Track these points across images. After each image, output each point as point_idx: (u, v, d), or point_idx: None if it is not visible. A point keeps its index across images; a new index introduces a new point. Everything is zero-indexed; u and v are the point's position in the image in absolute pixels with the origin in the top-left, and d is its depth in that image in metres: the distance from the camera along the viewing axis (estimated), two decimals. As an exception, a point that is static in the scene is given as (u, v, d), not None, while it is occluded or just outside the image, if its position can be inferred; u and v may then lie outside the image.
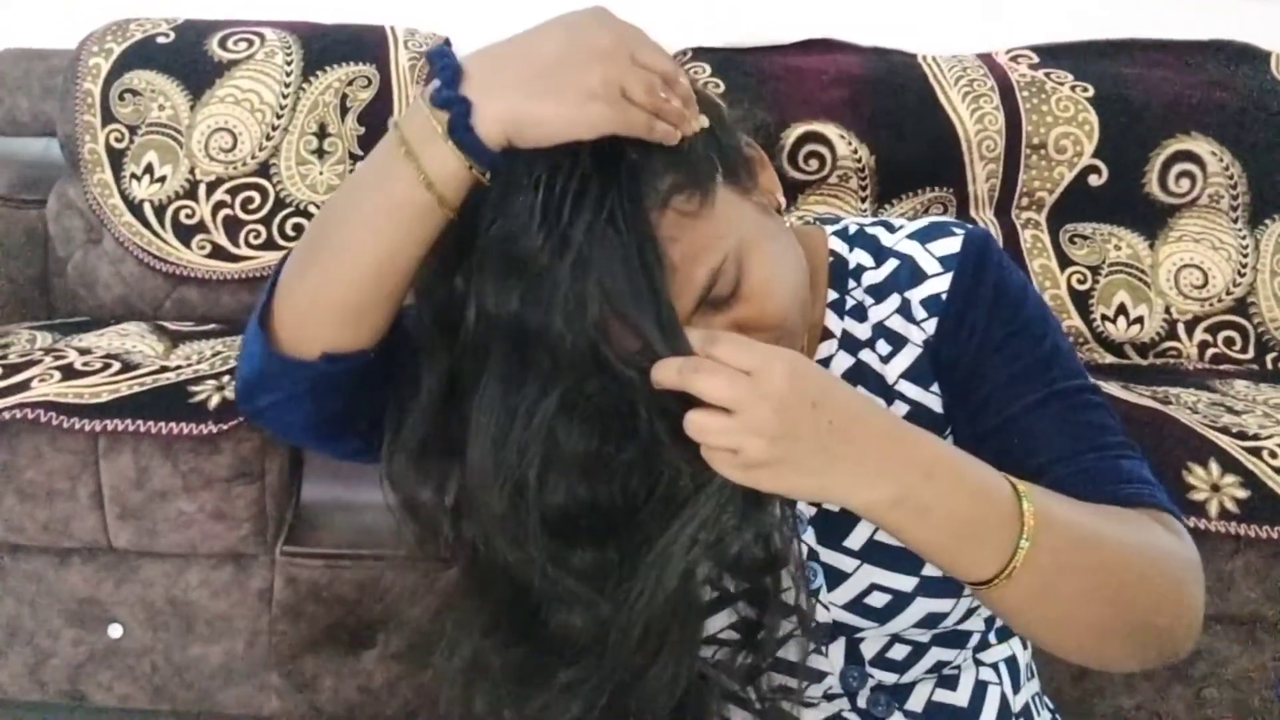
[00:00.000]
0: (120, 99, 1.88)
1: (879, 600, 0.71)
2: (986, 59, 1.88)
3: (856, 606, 0.71)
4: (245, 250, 1.85)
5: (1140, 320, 1.75)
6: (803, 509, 0.72)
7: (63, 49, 1.97)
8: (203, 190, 1.86)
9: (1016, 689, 0.77)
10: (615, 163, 0.56)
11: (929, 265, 0.73)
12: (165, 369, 1.41)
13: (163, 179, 1.87)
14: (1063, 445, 0.63)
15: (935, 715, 0.74)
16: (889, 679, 0.74)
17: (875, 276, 0.75)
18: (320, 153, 1.88)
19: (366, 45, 1.94)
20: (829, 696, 0.74)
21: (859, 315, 0.75)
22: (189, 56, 1.91)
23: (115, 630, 1.41)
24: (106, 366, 1.41)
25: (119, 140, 1.88)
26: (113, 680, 1.43)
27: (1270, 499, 1.24)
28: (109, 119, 1.88)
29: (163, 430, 1.31)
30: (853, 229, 0.79)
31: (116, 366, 1.41)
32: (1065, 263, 1.77)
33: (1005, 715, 0.75)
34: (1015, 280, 0.73)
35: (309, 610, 1.39)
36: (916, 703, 0.74)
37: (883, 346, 0.74)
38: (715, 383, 0.54)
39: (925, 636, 0.73)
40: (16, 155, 2.02)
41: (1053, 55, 1.87)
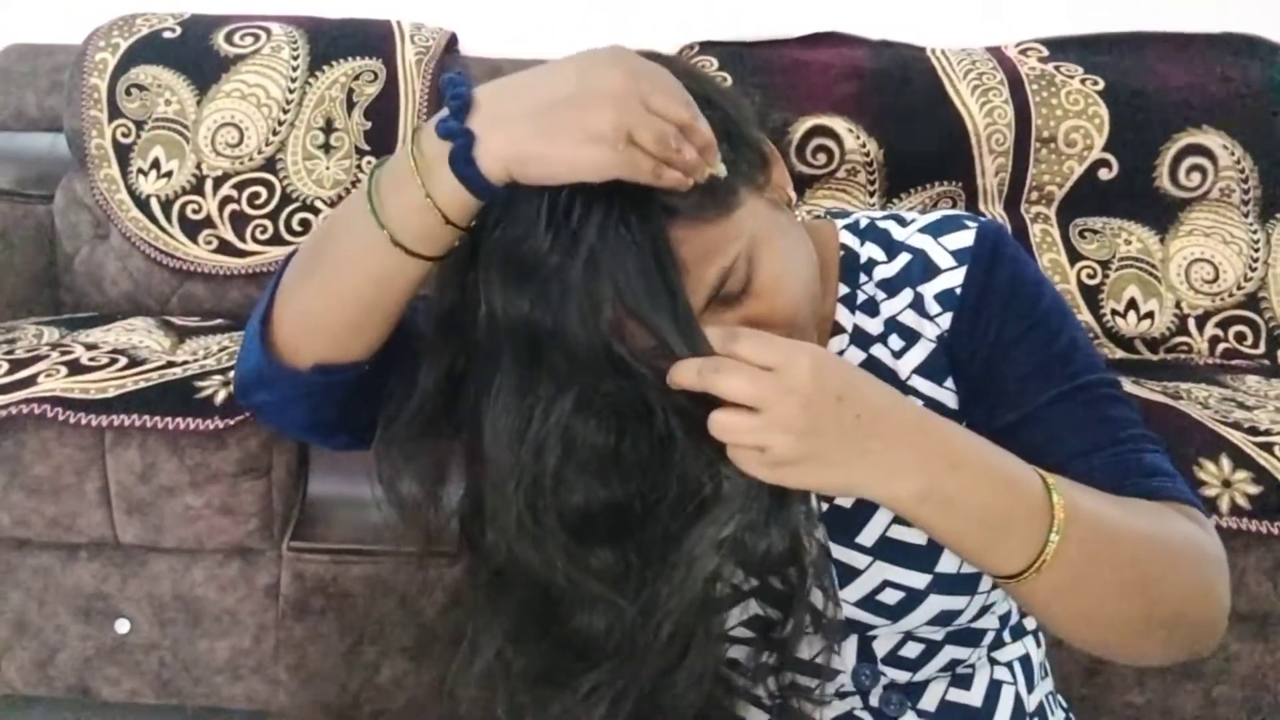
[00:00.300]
0: (127, 94, 1.88)
1: (891, 597, 0.70)
2: (995, 52, 1.87)
3: (869, 603, 0.71)
4: (252, 245, 1.84)
5: (1151, 315, 1.74)
6: (814, 504, 0.72)
7: (69, 44, 1.97)
8: (209, 185, 1.86)
9: (1031, 688, 0.77)
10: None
11: (942, 259, 0.72)
12: (172, 364, 1.41)
13: (169, 174, 1.87)
14: (1084, 440, 0.62)
15: (949, 714, 0.73)
16: (902, 677, 0.73)
17: (887, 271, 0.74)
18: (327, 148, 1.87)
19: (372, 40, 1.93)
20: (841, 694, 0.74)
21: (870, 310, 0.75)
22: (195, 51, 1.91)
23: (122, 625, 1.41)
24: (113, 361, 1.41)
25: (126, 135, 1.88)
26: (120, 675, 1.43)
27: (1282, 495, 1.23)
28: (115, 114, 1.88)
29: (169, 425, 1.31)
30: (864, 223, 0.78)
31: (123, 362, 1.41)
32: (1075, 257, 1.76)
33: (1019, 714, 0.75)
34: (1030, 273, 0.72)
35: (316, 605, 1.39)
36: (930, 702, 0.74)
37: (895, 342, 0.73)
38: (738, 381, 0.53)
39: (939, 634, 0.72)
40: (23, 151, 2.02)
41: (1062, 48, 1.86)
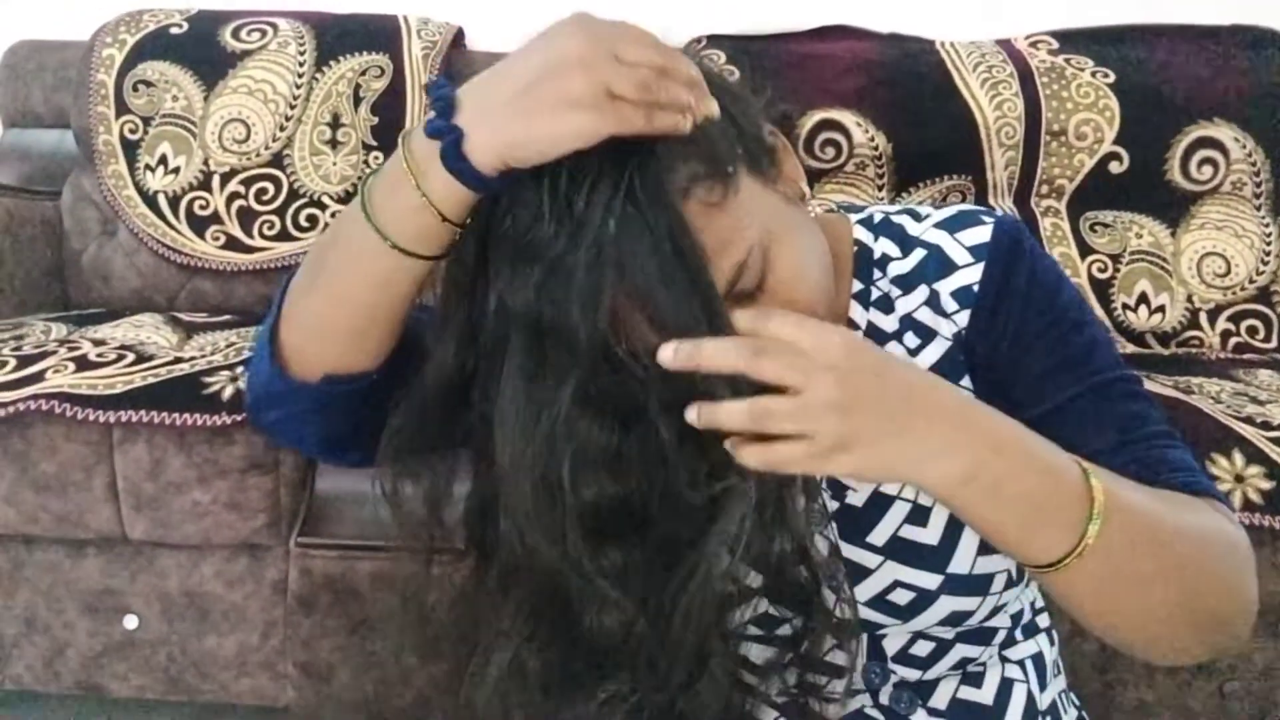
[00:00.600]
0: (134, 90, 1.88)
1: (902, 597, 0.69)
2: (1005, 45, 1.85)
3: (879, 603, 0.70)
4: (259, 241, 1.84)
5: (1162, 309, 1.73)
6: (824, 503, 0.71)
7: (76, 40, 1.97)
8: (216, 181, 1.86)
9: (1043, 686, 0.76)
10: (626, 156, 0.55)
11: (959, 255, 0.71)
12: (179, 360, 1.41)
13: (177, 170, 1.87)
14: (1108, 436, 0.61)
15: (959, 713, 0.73)
16: (912, 675, 0.73)
17: (902, 267, 0.73)
18: (334, 143, 1.87)
19: (379, 35, 1.93)
20: (850, 692, 0.73)
21: (885, 307, 0.73)
22: (202, 47, 1.91)
23: (131, 621, 1.41)
24: (121, 358, 1.41)
25: (133, 131, 1.88)
26: (128, 671, 1.43)
27: (1295, 490, 1.22)
28: (123, 110, 1.88)
29: (177, 421, 1.31)
30: (878, 217, 0.77)
31: (131, 358, 1.41)
32: (1086, 251, 1.75)
33: (1031, 713, 0.74)
34: (1049, 269, 0.71)
35: (323, 601, 1.39)
36: (940, 700, 0.73)
37: (911, 339, 0.72)
38: (775, 363, 0.52)
39: (949, 633, 0.72)
40: (31, 147, 2.02)
41: (1072, 41, 1.85)
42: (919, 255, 0.73)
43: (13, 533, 1.38)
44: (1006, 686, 0.74)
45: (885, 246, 0.74)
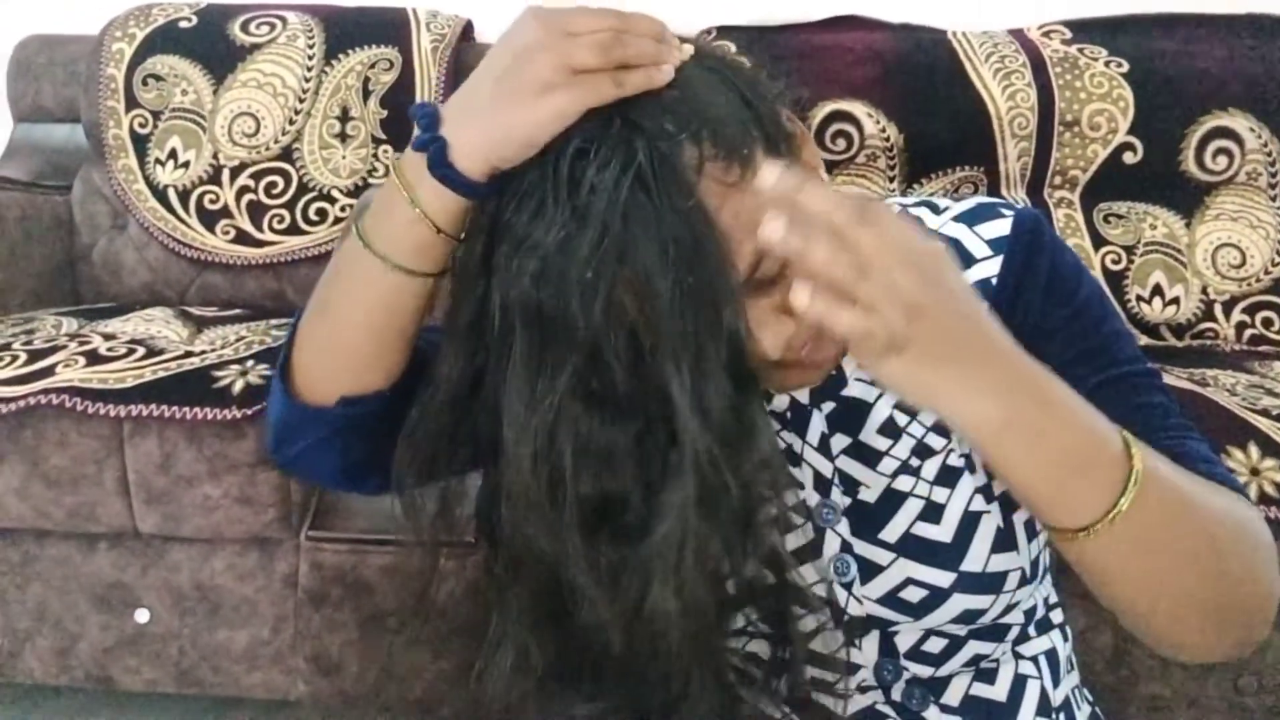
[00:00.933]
0: (143, 84, 1.89)
1: (915, 595, 0.69)
2: (1018, 34, 1.84)
3: (891, 601, 0.69)
4: (269, 235, 1.85)
5: (1176, 301, 1.72)
6: (837, 499, 0.71)
7: (86, 35, 1.97)
8: (226, 175, 1.86)
9: (1056, 682, 0.75)
10: (634, 138, 0.54)
11: (977, 249, 0.70)
12: (190, 354, 1.41)
13: (186, 164, 1.87)
14: (1129, 428, 0.60)
15: (973, 709, 0.72)
16: (924, 672, 0.72)
17: None
18: (343, 136, 1.87)
19: (388, 28, 1.93)
20: (862, 689, 0.73)
21: None
22: (211, 41, 1.91)
23: (142, 615, 1.42)
24: (131, 352, 1.41)
25: (143, 125, 1.89)
26: (140, 665, 1.44)
27: (1312, 483, 1.21)
28: (132, 104, 1.89)
29: (187, 415, 1.31)
30: (895, 210, 0.76)
31: (141, 352, 1.41)
32: (1099, 242, 1.74)
33: (1045, 709, 0.73)
34: (1069, 261, 0.70)
35: (334, 595, 1.39)
36: (953, 696, 0.72)
37: None
38: (874, 236, 0.48)
39: (962, 631, 0.71)
40: (41, 142, 2.03)
41: (1086, 30, 1.83)
42: None
43: (24, 527, 1.38)
44: (1020, 683, 0.73)
45: None
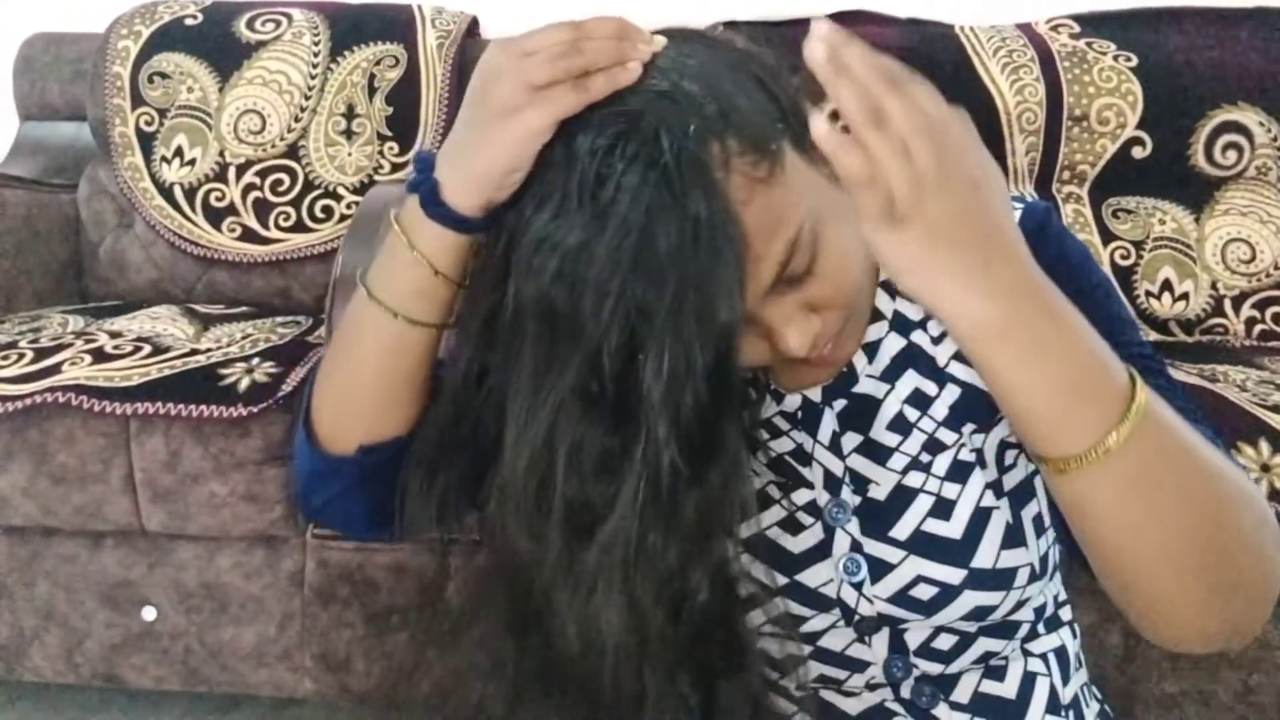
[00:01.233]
0: (149, 82, 1.89)
1: (925, 593, 0.68)
2: (1026, 29, 1.83)
3: (902, 599, 0.69)
4: (275, 233, 1.85)
5: (1186, 296, 1.71)
6: (847, 498, 0.70)
7: (91, 33, 1.98)
8: (232, 173, 1.86)
9: (1066, 680, 0.74)
10: (659, 132, 0.54)
11: None
12: (196, 352, 1.41)
13: (193, 162, 1.87)
14: None
15: (982, 707, 0.71)
16: (934, 670, 0.71)
17: None
18: (349, 134, 1.87)
19: (394, 24, 1.92)
20: (871, 686, 0.72)
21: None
22: (217, 38, 1.91)
23: (149, 613, 1.42)
24: (137, 350, 1.41)
25: (149, 123, 1.89)
26: (147, 663, 1.44)
27: (1324, 480, 1.20)
28: (138, 102, 1.89)
29: (193, 413, 1.31)
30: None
31: (147, 350, 1.41)
32: (1108, 237, 1.73)
33: (1054, 707, 0.72)
34: (1076, 250, 0.69)
35: (340, 593, 1.39)
36: (962, 694, 0.72)
37: (934, 328, 0.71)
38: (900, 102, 0.47)
39: (972, 627, 0.70)
40: (47, 140, 2.03)
41: (1094, 24, 1.82)
42: None
43: (31, 525, 1.38)
44: (1029, 680, 0.73)
45: None
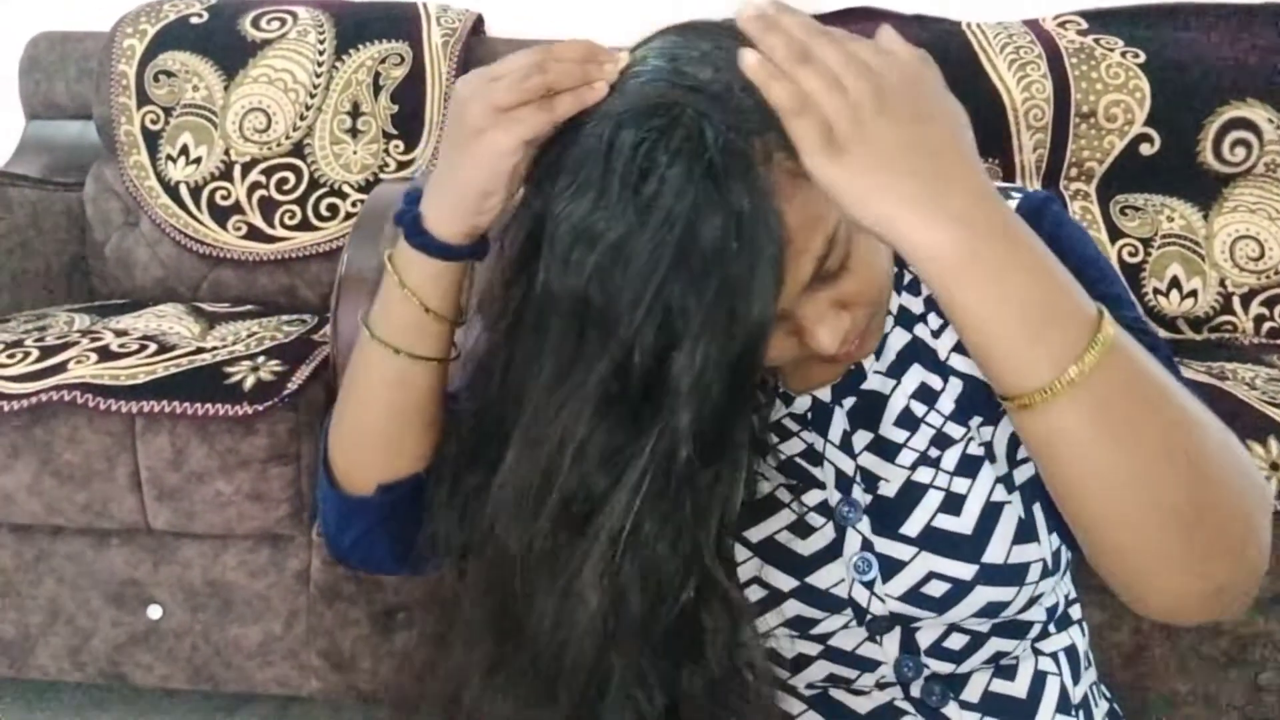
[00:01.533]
0: (155, 80, 1.89)
1: (937, 589, 0.68)
2: (1033, 25, 1.82)
3: (914, 596, 0.68)
4: (281, 231, 1.84)
5: (1194, 294, 1.70)
6: (858, 497, 0.70)
7: (97, 31, 1.98)
8: (238, 171, 1.86)
9: (1076, 679, 0.74)
10: (703, 127, 0.53)
11: None
12: (201, 350, 1.41)
13: (198, 160, 1.87)
14: None
15: (992, 706, 0.71)
16: (944, 669, 0.71)
17: None
18: (354, 132, 1.87)
19: (399, 22, 1.92)
20: (881, 685, 0.71)
21: (915, 289, 0.72)
22: (222, 36, 1.91)
23: (154, 611, 1.42)
24: (143, 348, 1.41)
25: (154, 122, 1.89)
26: (152, 661, 1.44)
27: (1334, 478, 1.20)
28: (144, 100, 1.89)
29: (199, 411, 1.31)
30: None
31: (153, 348, 1.41)
32: (1116, 235, 1.72)
33: (1065, 706, 0.72)
34: (1072, 234, 0.69)
35: (346, 591, 1.39)
36: (973, 693, 0.71)
37: (934, 320, 0.71)
38: (837, 50, 0.49)
39: (985, 626, 0.70)
40: (53, 138, 2.03)
41: (1102, 20, 1.82)
42: None
43: (37, 523, 1.38)
44: (1040, 679, 0.72)
45: None
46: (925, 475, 0.69)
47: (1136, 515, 0.51)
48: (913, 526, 0.68)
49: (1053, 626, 0.73)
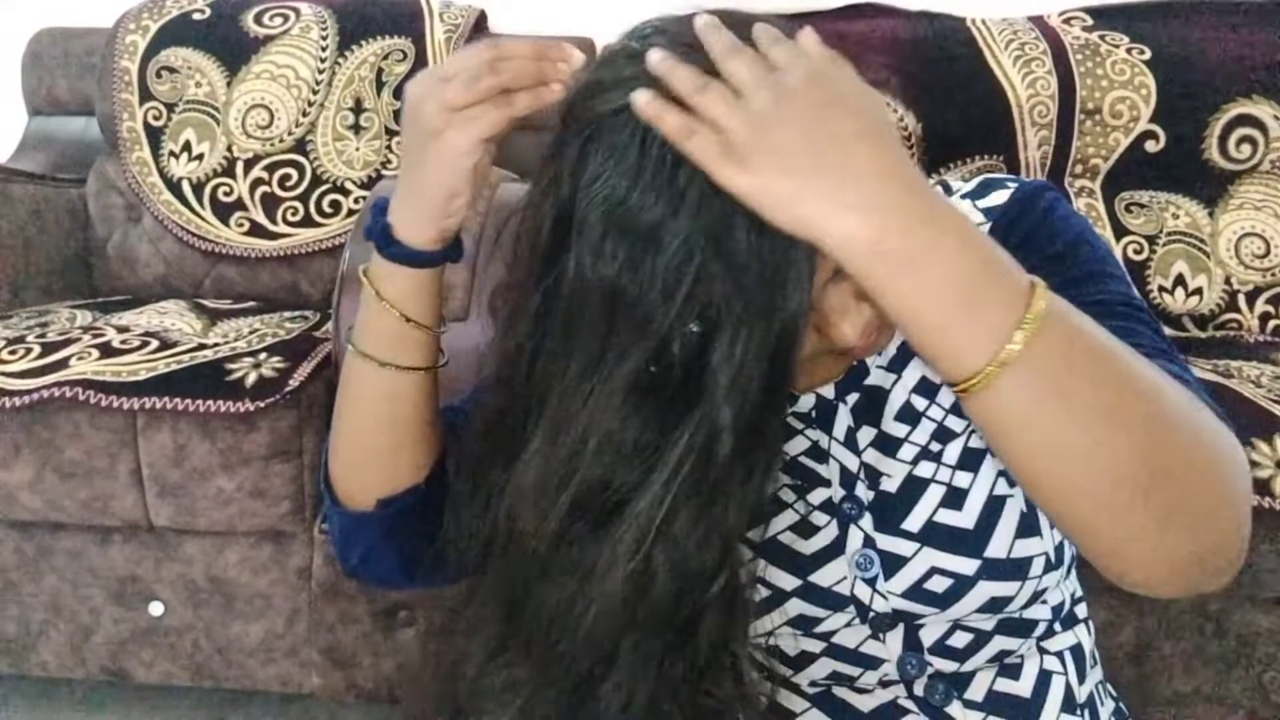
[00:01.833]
0: (157, 76, 1.88)
1: (939, 585, 0.67)
2: (1038, 21, 1.82)
3: (916, 593, 0.68)
4: (283, 228, 1.84)
5: (1199, 291, 1.69)
6: (861, 493, 0.69)
7: (100, 27, 1.97)
8: (240, 167, 1.86)
9: (1082, 678, 0.73)
10: None
11: (975, 219, 0.70)
12: (203, 346, 1.41)
13: (200, 156, 1.87)
14: None
15: (996, 705, 0.70)
16: (948, 667, 0.71)
17: None
18: (357, 128, 1.87)
19: (401, 18, 1.92)
20: (884, 683, 0.71)
21: None
22: (225, 32, 1.91)
23: (156, 608, 1.41)
24: (144, 344, 1.40)
25: (157, 118, 1.88)
26: (154, 658, 1.44)
27: (1340, 476, 1.19)
28: (146, 96, 1.89)
29: (200, 408, 1.30)
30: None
31: (154, 344, 1.41)
32: (1121, 232, 1.71)
33: (1070, 706, 0.72)
34: (1064, 217, 0.68)
35: (348, 588, 1.38)
36: (976, 692, 0.71)
37: None
38: (740, 64, 0.51)
39: (988, 624, 0.70)
40: (56, 134, 2.03)
41: (1107, 17, 1.81)
42: None
43: (38, 520, 1.38)
44: (1045, 679, 0.72)
45: None
46: (927, 470, 0.68)
47: (1090, 486, 0.50)
48: (914, 522, 0.68)
49: (1058, 625, 0.73)
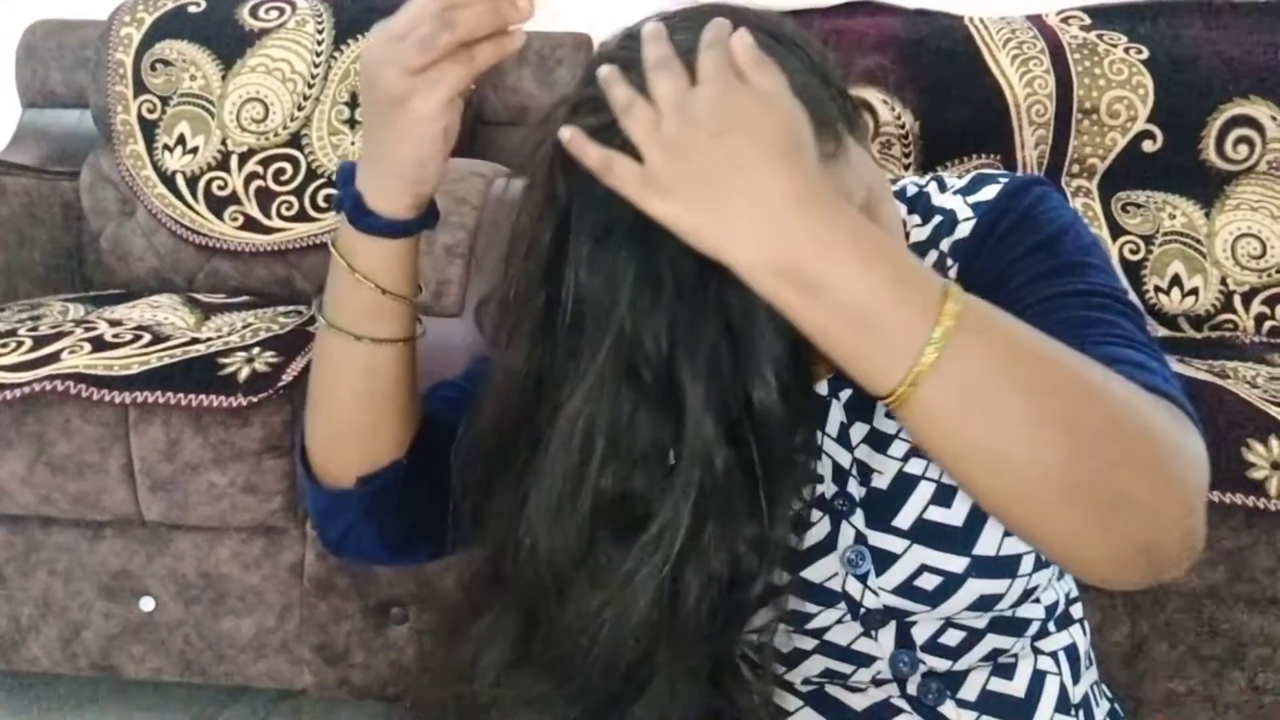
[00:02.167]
0: (152, 69, 1.88)
1: (929, 582, 0.67)
2: (1036, 20, 1.81)
3: (906, 589, 0.68)
4: (277, 222, 1.84)
5: (1195, 292, 1.69)
6: (853, 490, 0.69)
7: (94, 20, 1.97)
8: (235, 161, 1.85)
9: (1076, 679, 0.73)
10: None
11: (963, 214, 0.71)
12: (196, 341, 1.40)
13: (195, 150, 1.86)
14: (1068, 336, 0.54)
15: (990, 704, 0.70)
16: (941, 666, 0.70)
17: (920, 234, 0.72)
18: (352, 122, 1.86)
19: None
20: (877, 682, 0.71)
21: None
22: (220, 26, 1.90)
23: (147, 603, 1.41)
24: (137, 338, 1.40)
25: (151, 111, 1.88)
26: (145, 654, 1.43)
27: (1335, 478, 1.19)
28: (141, 90, 1.88)
29: (193, 403, 1.30)
30: (911, 190, 0.76)
31: (147, 338, 1.40)
32: (1118, 232, 1.71)
33: (1064, 706, 0.71)
34: (1054, 218, 0.68)
35: (340, 584, 1.38)
36: (970, 691, 0.70)
37: None
38: (663, 85, 0.51)
39: (981, 622, 0.69)
40: (49, 127, 2.03)
41: (1105, 16, 1.81)
42: (935, 222, 0.72)
43: (29, 514, 1.38)
44: (1039, 679, 0.71)
45: (911, 217, 0.74)
46: (917, 467, 0.68)
47: (1022, 489, 0.50)
48: (905, 519, 0.67)
49: (1052, 625, 0.73)
